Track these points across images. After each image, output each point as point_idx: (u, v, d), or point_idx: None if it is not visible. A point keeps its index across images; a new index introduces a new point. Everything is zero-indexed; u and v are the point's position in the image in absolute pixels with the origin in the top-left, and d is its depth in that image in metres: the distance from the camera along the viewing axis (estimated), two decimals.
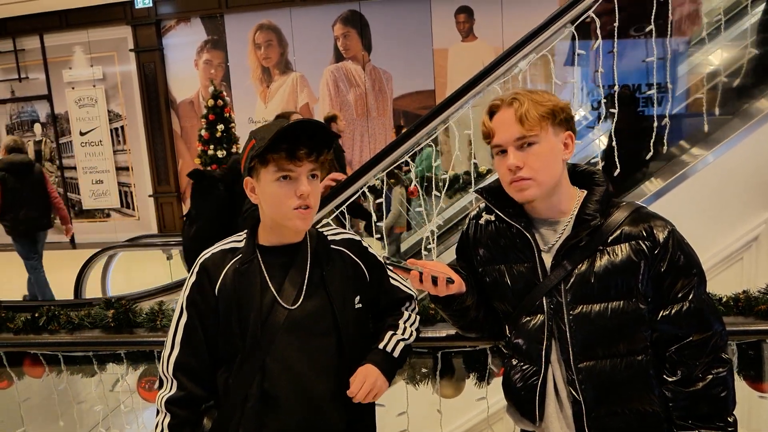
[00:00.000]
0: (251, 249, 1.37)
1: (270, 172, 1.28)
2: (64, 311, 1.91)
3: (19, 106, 9.68)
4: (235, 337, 1.34)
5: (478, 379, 1.77)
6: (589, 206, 1.31)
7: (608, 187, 1.34)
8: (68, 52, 9.27)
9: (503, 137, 1.28)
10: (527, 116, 1.25)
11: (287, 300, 1.34)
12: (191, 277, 1.37)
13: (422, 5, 8.23)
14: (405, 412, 1.84)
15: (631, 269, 1.26)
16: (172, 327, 1.38)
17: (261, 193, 1.32)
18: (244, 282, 1.34)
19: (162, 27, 8.96)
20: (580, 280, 1.28)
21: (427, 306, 1.72)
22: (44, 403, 2.15)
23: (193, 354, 1.35)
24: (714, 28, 2.94)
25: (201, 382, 1.37)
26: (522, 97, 1.28)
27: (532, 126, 1.25)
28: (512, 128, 1.27)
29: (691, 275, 1.27)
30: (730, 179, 2.44)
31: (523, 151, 1.27)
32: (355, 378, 1.37)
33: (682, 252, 1.27)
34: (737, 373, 1.64)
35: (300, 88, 8.83)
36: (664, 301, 1.27)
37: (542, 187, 1.28)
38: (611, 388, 1.28)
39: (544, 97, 1.29)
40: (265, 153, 1.26)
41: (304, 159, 1.27)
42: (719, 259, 2.49)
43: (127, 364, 1.91)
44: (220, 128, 7.68)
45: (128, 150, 9.45)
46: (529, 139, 1.26)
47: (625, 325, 1.27)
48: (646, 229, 1.27)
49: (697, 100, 2.61)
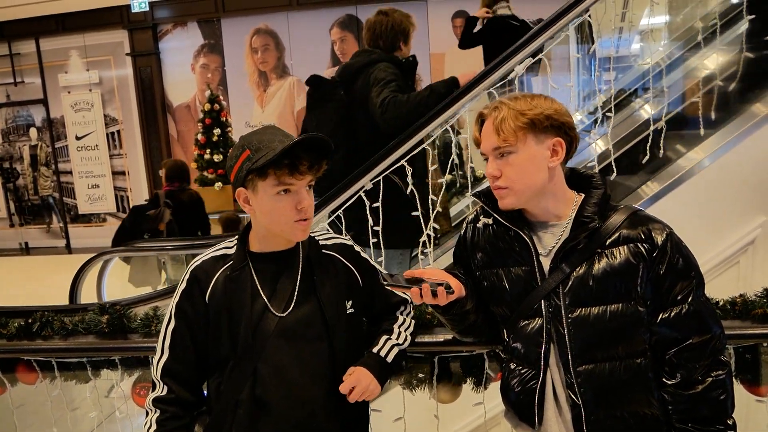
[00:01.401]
0: (242, 256, 1.37)
1: (269, 185, 1.27)
2: (58, 317, 1.90)
3: (14, 110, 9.65)
4: (226, 343, 1.34)
5: (476, 383, 1.76)
6: (587, 209, 1.31)
7: (606, 190, 1.35)
8: (64, 56, 9.25)
9: (485, 146, 1.32)
10: (502, 127, 1.27)
11: (278, 307, 1.34)
12: (181, 284, 1.38)
13: (419, 10, 8.24)
14: (402, 417, 1.83)
15: (630, 272, 1.26)
16: (161, 332, 1.39)
17: (258, 205, 1.31)
18: (234, 289, 1.34)
19: (159, 31, 8.95)
20: (578, 283, 1.28)
21: (423, 311, 1.71)
22: (38, 409, 2.14)
23: (180, 360, 1.36)
24: (709, 33, 2.96)
25: (189, 387, 1.38)
26: (504, 106, 1.29)
27: (507, 137, 1.27)
28: (491, 137, 1.30)
29: (689, 278, 1.27)
30: (726, 183, 2.45)
31: (500, 160, 1.29)
32: (347, 378, 1.37)
33: (681, 255, 1.27)
34: (735, 377, 1.63)
35: (297, 92, 8.82)
36: (663, 303, 1.27)
37: (519, 195, 1.30)
38: (610, 391, 1.28)
39: (529, 105, 1.28)
40: (266, 168, 1.25)
41: (305, 173, 1.27)
42: (716, 262, 2.49)
43: (121, 370, 1.90)
44: (217, 132, 7.69)
45: (124, 154, 9.43)
46: (504, 149, 1.28)
47: (624, 327, 1.27)
48: (644, 231, 1.28)
49: (693, 104, 2.62)
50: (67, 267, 5.43)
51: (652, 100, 3.02)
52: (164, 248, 4.81)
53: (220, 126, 7.74)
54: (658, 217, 1.33)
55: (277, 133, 1.29)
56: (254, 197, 1.30)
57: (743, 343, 1.62)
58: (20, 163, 9.82)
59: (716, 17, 2.86)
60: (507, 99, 1.32)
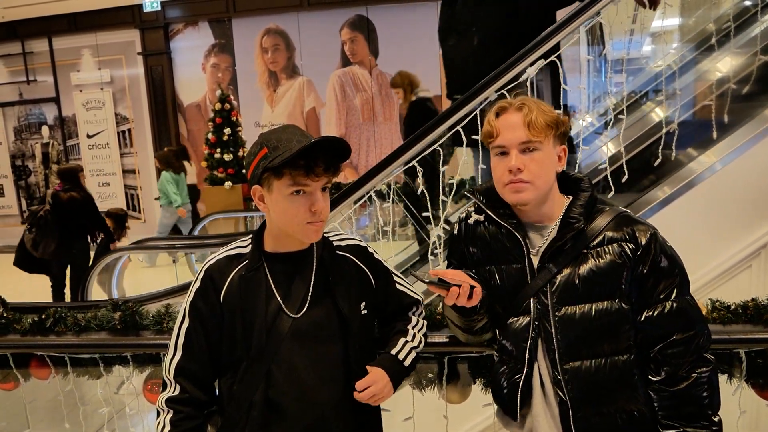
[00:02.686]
0: (257, 256, 1.36)
1: (284, 185, 1.26)
2: (71, 313, 1.91)
3: (27, 108, 9.75)
4: (239, 344, 1.33)
5: (485, 385, 1.76)
6: (574, 210, 1.35)
7: (593, 192, 1.39)
8: (76, 55, 9.34)
9: (508, 139, 1.33)
10: (536, 123, 1.30)
11: (292, 308, 1.34)
12: (195, 283, 1.37)
13: (429, 10, 8.25)
14: (411, 417, 1.83)
15: (615, 271, 1.30)
16: (175, 331, 1.38)
17: (272, 204, 1.30)
18: (249, 289, 1.34)
19: (170, 30, 9.02)
20: (565, 282, 1.32)
21: (433, 311, 1.72)
22: (50, 404, 2.16)
23: (194, 359, 1.35)
24: (723, 35, 2.94)
25: (202, 387, 1.37)
26: (531, 103, 1.34)
27: (538, 132, 1.31)
28: (519, 131, 1.31)
29: (673, 276, 1.30)
30: (740, 186, 2.43)
31: (525, 155, 1.32)
32: (365, 379, 1.36)
33: (665, 254, 1.31)
34: (745, 381, 1.63)
35: (307, 92, 8.86)
36: (647, 302, 1.31)
37: (538, 191, 1.33)
38: (596, 388, 1.30)
39: (549, 108, 1.35)
40: (282, 167, 1.24)
41: (321, 175, 1.26)
42: (728, 266, 2.47)
43: (133, 366, 1.91)
44: (227, 132, 7.71)
45: (135, 153, 9.50)
46: (533, 145, 1.31)
47: (609, 325, 1.30)
48: (628, 232, 1.32)
49: (706, 107, 2.61)
50: None
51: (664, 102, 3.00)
52: (174, 246, 4.85)
53: (230, 125, 7.76)
54: (668, 222, 1.34)
55: (297, 132, 1.28)
56: (269, 196, 1.29)
57: (755, 347, 1.61)
58: (32, 161, 9.92)
59: (730, 19, 2.84)
60: (528, 99, 1.37)
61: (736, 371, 1.63)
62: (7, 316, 1.93)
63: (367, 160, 8.76)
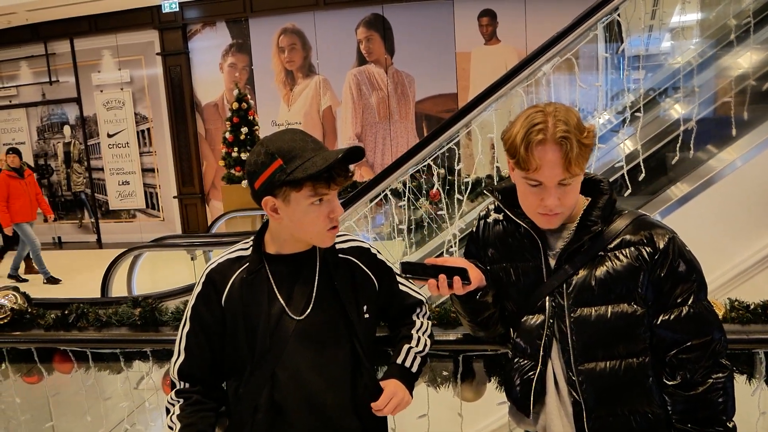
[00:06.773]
0: (258, 258, 1.35)
1: (303, 197, 1.24)
2: (93, 309, 1.95)
3: (49, 108, 9.93)
4: (243, 347, 1.33)
5: (499, 383, 1.76)
6: (593, 213, 1.33)
7: (612, 195, 1.36)
8: (97, 56, 9.48)
9: (547, 177, 1.24)
10: (577, 160, 1.22)
11: (295, 310, 1.33)
12: (197, 287, 1.36)
13: (445, 8, 8.23)
14: (426, 414, 1.84)
15: (632, 274, 1.28)
16: (178, 334, 1.38)
17: (289, 215, 1.27)
18: (251, 292, 1.33)
19: (188, 31, 9.11)
20: (581, 284, 1.31)
21: (448, 309, 1.72)
22: (72, 398, 2.20)
23: (195, 363, 1.36)
24: (743, 31, 2.89)
25: (206, 388, 1.37)
26: (570, 135, 1.21)
27: (576, 171, 1.23)
28: (557, 170, 1.22)
29: (690, 281, 1.28)
30: (758, 185, 2.40)
31: (560, 189, 1.26)
32: (384, 395, 1.36)
33: (683, 259, 1.29)
34: (765, 382, 1.60)
35: (323, 91, 8.88)
36: (664, 305, 1.29)
37: (566, 215, 1.32)
38: (611, 389, 1.30)
39: (584, 129, 1.24)
40: (304, 181, 1.21)
41: (341, 183, 1.26)
42: (748, 264, 2.44)
43: (152, 361, 1.94)
44: (244, 131, 7.78)
45: (154, 152, 9.62)
46: (570, 181, 1.25)
47: (625, 327, 1.29)
48: (646, 236, 1.30)
49: (725, 103, 2.57)
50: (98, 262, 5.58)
51: (683, 99, 2.96)
52: (192, 244, 4.90)
53: (247, 124, 7.83)
54: (687, 218, 1.32)
55: (306, 139, 1.25)
56: (285, 207, 1.27)
57: None
58: (54, 160, 10.10)
59: (750, 15, 2.79)
60: (563, 123, 1.22)
61: (755, 372, 1.61)
62: (32, 312, 1.98)
63: (383, 159, 8.76)
